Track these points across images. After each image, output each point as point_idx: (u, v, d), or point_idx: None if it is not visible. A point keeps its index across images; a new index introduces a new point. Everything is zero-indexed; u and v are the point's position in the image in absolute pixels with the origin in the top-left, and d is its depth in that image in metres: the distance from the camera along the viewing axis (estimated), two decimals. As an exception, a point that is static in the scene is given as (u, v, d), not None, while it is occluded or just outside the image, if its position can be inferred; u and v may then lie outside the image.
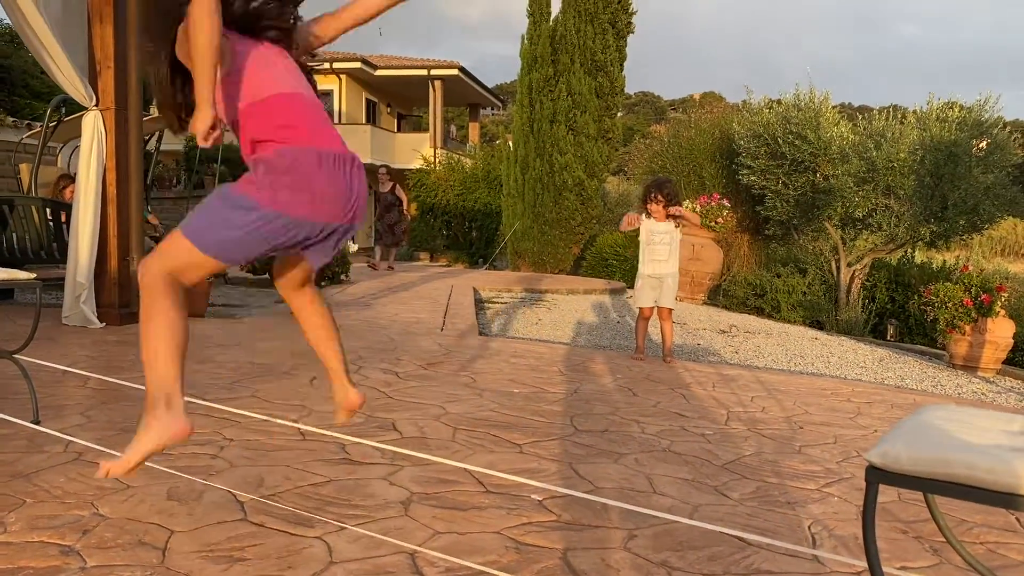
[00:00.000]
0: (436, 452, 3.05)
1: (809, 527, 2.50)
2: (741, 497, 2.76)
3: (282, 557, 2.08)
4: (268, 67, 2.13)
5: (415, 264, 18.94)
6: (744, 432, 3.66)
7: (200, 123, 1.99)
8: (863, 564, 2.24)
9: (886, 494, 2.88)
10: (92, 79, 5.55)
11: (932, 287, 7.29)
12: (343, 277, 10.07)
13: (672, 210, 5.47)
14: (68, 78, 5.34)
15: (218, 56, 1.99)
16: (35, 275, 3.16)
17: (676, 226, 5.53)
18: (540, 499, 2.61)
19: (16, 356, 3.22)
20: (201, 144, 2.06)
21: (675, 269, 5.54)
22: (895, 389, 5.31)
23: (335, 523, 2.31)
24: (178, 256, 2.04)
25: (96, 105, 5.55)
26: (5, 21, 11.61)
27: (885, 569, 1.97)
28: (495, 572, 2.06)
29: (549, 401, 4.07)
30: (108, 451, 2.76)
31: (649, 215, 5.55)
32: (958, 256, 15.72)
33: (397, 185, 13.59)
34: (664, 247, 5.50)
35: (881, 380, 5.98)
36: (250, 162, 2.10)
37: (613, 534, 2.36)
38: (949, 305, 6.87)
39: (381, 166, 14.01)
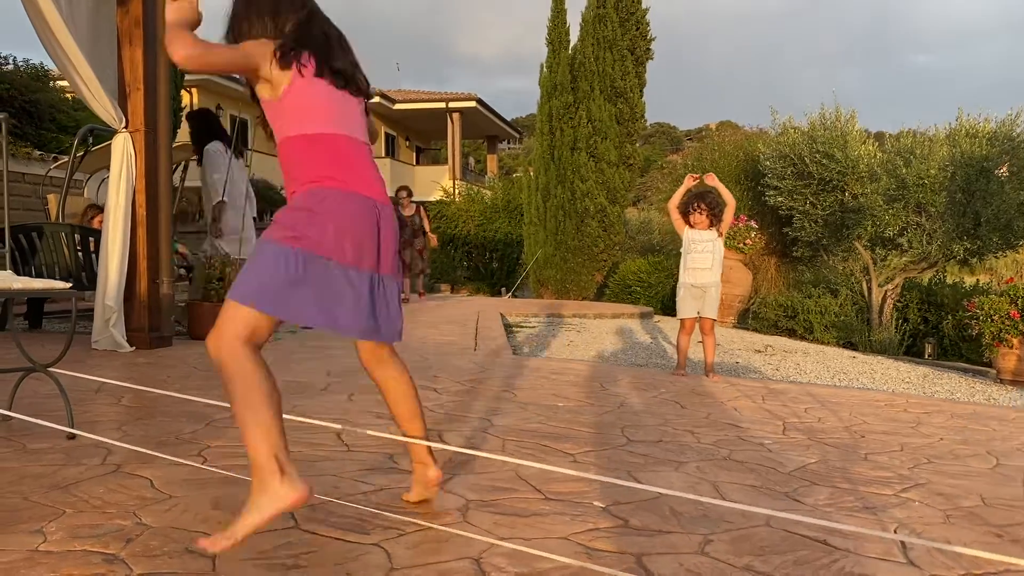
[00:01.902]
0: (489, 461, 2.91)
1: (895, 531, 2.33)
2: (815, 503, 2.59)
3: (339, 564, 1.94)
4: (324, 104, 2.13)
5: (436, 295, 18.85)
6: (804, 441, 3.49)
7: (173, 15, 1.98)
8: (962, 567, 2.07)
9: (969, 499, 2.71)
10: (122, 101, 5.52)
11: (976, 300, 7.08)
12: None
13: (719, 229, 5.35)
14: (98, 100, 5.32)
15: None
16: (70, 285, 3.07)
17: (719, 235, 5.39)
18: (604, 505, 2.46)
19: (50, 370, 3.12)
20: None
21: (718, 279, 5.39)
22: (951, 402, 5.11)
23: (393, 529, 2.17)
24: (230, 318, 1.92)
25: (126, 127, 5.52)
26: (32, 60, 11.74)
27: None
28: (568, 577, 1.91)
29: (596, 414, 3.92)
30: (157, 453, 2.64)
31: (692, 226, 5.42)
32: (980, 280, 15.43)
33: (421, 208, 12.52)
34: (707, 255, 5.35)
35: (931, 394, 5.78)
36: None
37: (687, 539, 2.20)
38: (995, 318, 6.66)
39: (401, 188, 12.61)
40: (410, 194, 12.64)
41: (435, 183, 24.83)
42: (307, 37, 2.14)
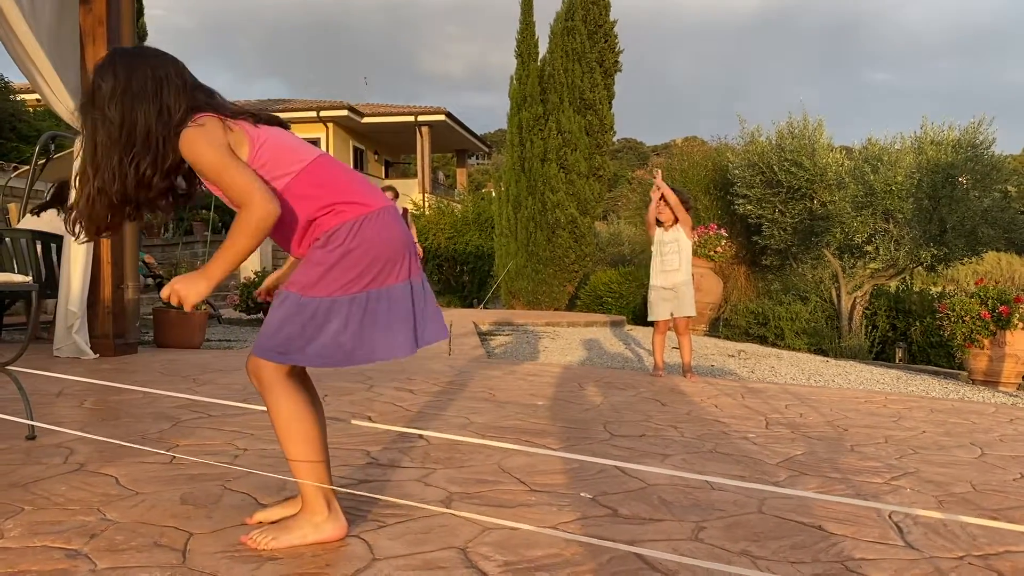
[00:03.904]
0: (470, 456, 2.81)
1: (890, 516, 2.28)
2: (806, 491, 2.53)
3: (318, 555, 1.84)
4: (286, 140, 1.90)
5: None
6: (788, 435, 3.44)
7: (195, 297, 1.75)
8: (961, 549, 2.02)
9: (959, 485, 2.67)
10: (85, 101, 5.36)
11: (947, 301, 7.12)
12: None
13: (656, 193, 5.31)
14: (60, 99, 5.17)
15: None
16: (31, 278, 2.94)
17: (686, 232, 5.36)
18: (591, 496, 2.38)
19: (9, 368, 2.98)
20: (187, 307, 1.80)
21: (688, 277, 5.35)
22: (929, 398, 5.11)
23: (373, 521, 2.07)
24: (272, 367, 1.84)
25: (89, 128, 5.36)
26: (-9, 71, 11.46)
27: None
28: (559, 564, 1.83)
29: (575, 411, 3.84)
30: (131, 444, 2.51)
31: (660, 224, 5.39)
32: (945, 288, 15.65)
33: (408, 211, 11.19)
34: (674, 256, 5.32)
35: (908, 393, 5.78)
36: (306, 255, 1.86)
37: (679, 526, 2.13)
38: (966, 319, 6.70)
39: (387, 188, 10.75)
40: (396, 195, 11.13)
41: (405, 196, 24.69)
42: (204, 96, 1.88)
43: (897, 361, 10.07)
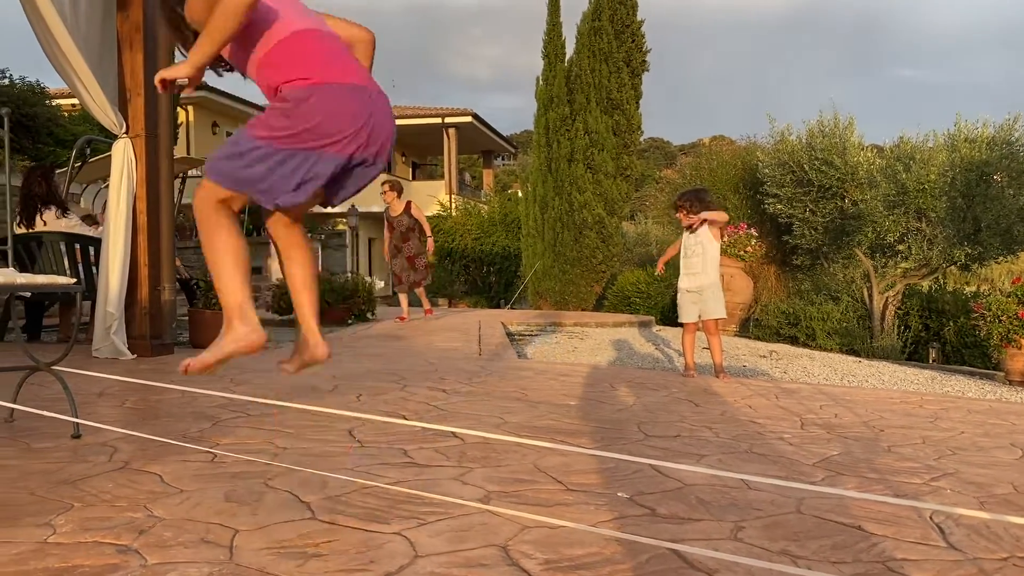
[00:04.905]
0: (506, 456, 2.83)
1: (931, 517, 2.26)
2: (846, 490, 2.52)
3: (361, 552, 1.87)
4: (278, 11, 2.13)
5: (434, 309, 18.78)
6: (824, 435, 3.43)
7: (173, 73, 2.12)
8: (1004, 550, 2.00)
9: (1000, 487, 2.64)
10: (122, 106, 5.46)
11: (983, 300, 7.03)
12: (369, 315, 9.90)
13: (694, 219, 5.28)
14: (99, 105, 5.26)
15: (226, 43, 2.08)
16: (75, 280, 3.00)
17: (714, 234, 5.33)
18: (628, 495, 2.39)
19: (54, 368, 3.05)
20: (156, 82, 2.17)
21: (714, 279, 5.32)
22: (965, 398, 5.05)
23: (413, 519, 2.10)
24: (215, 192, 2.12)
25: (126, 133, 5.46)
26: (28, 78, 11.69)
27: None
28: (599, 562, 1.84)
29: (608, 412, 3.85)
30: (174, 441, 2.56)
31: (686, 229, 5.40)
32: (979, 288, 15.40)
33: (412, 203, 9.90)
34: (697, 259, 5.31)
35: (944, 393, 5.72)
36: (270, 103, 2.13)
37: (718, 526, 2.13)
38: (1003, 319, 6.61)
39: (384, 182, 9.85)
40: (393, 187, 9.84)
41: (432, 198, 24.81)
42: None
43: (931, 361, 9.94)
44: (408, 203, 9.84)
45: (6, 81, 10.89)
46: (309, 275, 2.32)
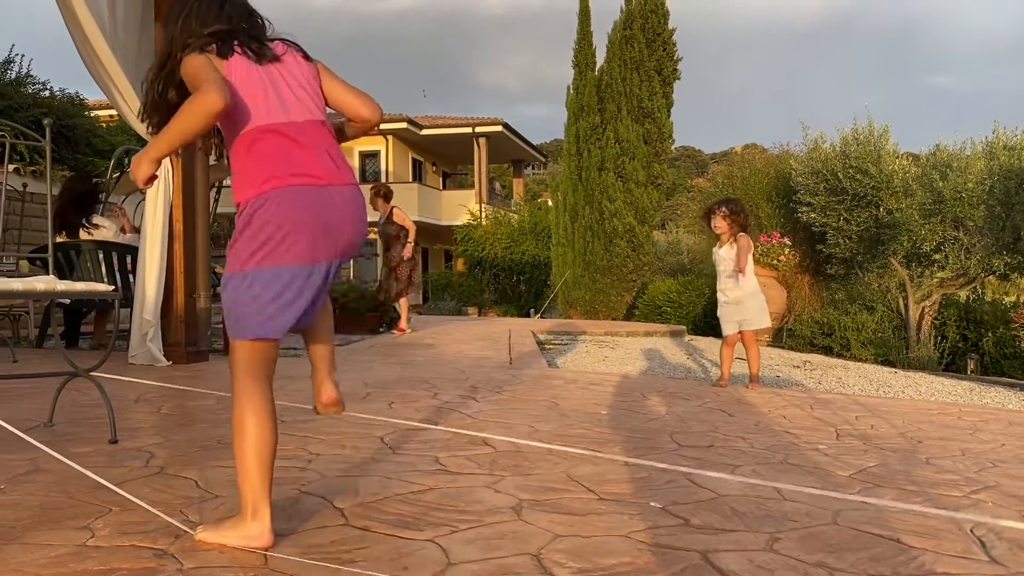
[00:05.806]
0: (537, 464, 2.83)
1: (972, 530, 2.22)
2: (883, 500, 2.48)
3: (394, 559, 1.87)
4: (251, 94, 1.93)
5: (463, 317, 18.82)
6: (861, 446, 3.38)
7: (143, 175, 1.91)
8: (1049, 565, 1.95)
9: (1044, 500, 2.58)
10: (160, 117, 5.54)
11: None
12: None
13: (722, 226, 5.28)
14: (135, 113, 5.34)
15: (188, 142, 1.90)
16: (113, 287, 3.05)
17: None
18: (661, 505, 2.37)
19: (93, 374, 3.10)
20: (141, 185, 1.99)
21: (750, 290, 5.29)
22: (1006, 410, 4.95)
23: (445, 526, 2.10)
24: (234, 354, 1.97)
25: (163, 143, 5.54)
26: (68, 90, 11.91)
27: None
28: (632, 572, 1.83)
29: (640, 421, 3.82)
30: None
31: (715, 231, 5.41)
32: (1020, 298, 15.10)
33: (396, 210, 9.24)
34: (731, 271, 5.30)
35: (983, 405, 5.61)
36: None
37: (753, 537, 2.11)
38: (1044, 329, 6.48)
39: (372, 186, 9.43)
40: (379, 193, 9.29)
41: (462, 207, 24.90)
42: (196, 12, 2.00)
43: (969, 373, 9.76)
44: (392, 210, 9.19)
45: (47, 93, 11.11)
46: (328, 325, 2.26)
